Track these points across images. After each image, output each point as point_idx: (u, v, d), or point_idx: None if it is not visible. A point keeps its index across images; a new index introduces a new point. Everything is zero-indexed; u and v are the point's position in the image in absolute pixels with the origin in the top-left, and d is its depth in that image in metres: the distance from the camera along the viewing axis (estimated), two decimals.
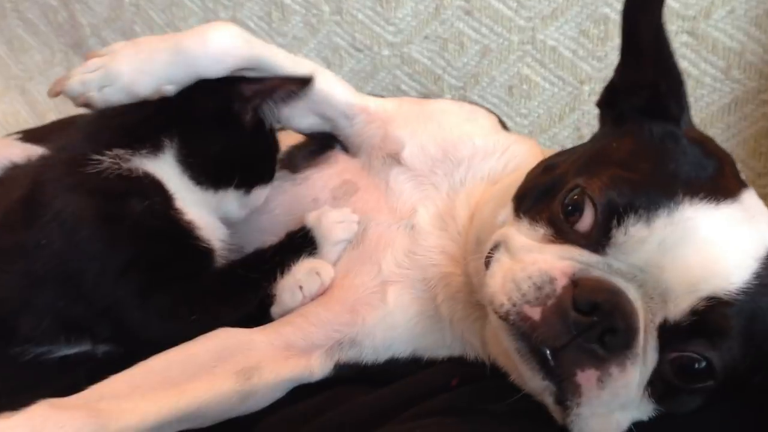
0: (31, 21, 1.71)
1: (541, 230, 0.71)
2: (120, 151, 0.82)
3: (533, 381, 0.68)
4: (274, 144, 0.93)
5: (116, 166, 0.81)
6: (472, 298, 0.83)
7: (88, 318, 0.82)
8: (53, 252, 0.79)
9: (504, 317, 0.66)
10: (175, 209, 0.83)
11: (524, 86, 1.36)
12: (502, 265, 0.70)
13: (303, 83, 0.89)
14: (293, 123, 0.95)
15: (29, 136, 1.28)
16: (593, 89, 1.30)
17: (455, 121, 0.96)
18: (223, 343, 0.81)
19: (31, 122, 1.69)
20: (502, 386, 0.80)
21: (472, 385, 0.80)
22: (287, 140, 1.00)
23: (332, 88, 0.94)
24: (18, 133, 1.32)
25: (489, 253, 0.73)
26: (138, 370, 0.76)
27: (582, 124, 1.32)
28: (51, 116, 1.67)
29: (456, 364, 0.85)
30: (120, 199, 0.80)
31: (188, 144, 0.85)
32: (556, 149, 0.98)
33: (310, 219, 0.90)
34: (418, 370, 0.85)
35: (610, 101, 0.83)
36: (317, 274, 0.87)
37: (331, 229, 0.89)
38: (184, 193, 0.85)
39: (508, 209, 0.76)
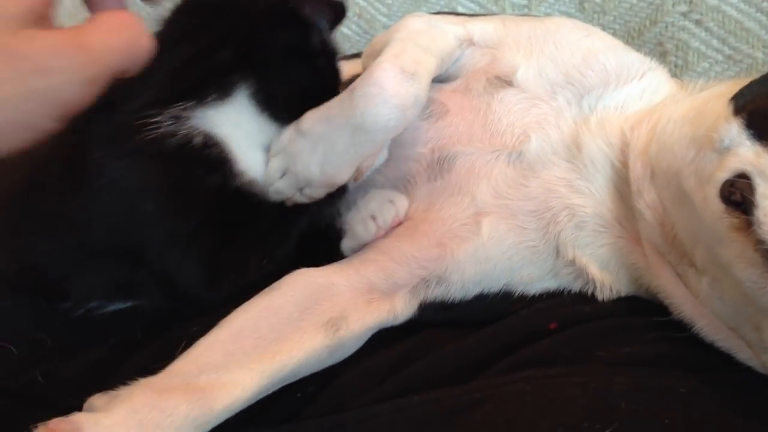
0: None
1: None
2: (179, 108, 0.71)
3: None
4: (336, 62, 0.82)
5: (175, 129, 0.71)
6: (602, 227, 0.75)
7: (148, 281, 0.76)
8: (109, 224, 0.71)
9: None
10: (239, 173, 0.74)
11: None
12: None
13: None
14: None
15: None
16: None
17: (574, 38, 0.83)
18: (304, 290, 0.74)
19: None
20: (609, 329, 0.72)
21: (574, 329, 0.71)
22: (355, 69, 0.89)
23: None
24: None
25: (732, 185, 0.61)
26: (225, 333, 0.70)
27: (665, 38, 1.18)
28: None
29: (552, 304, 0.77)
30: (183, 169, 0.71)
31: (268, 81, 0.74)
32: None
33: None
34: (509, 308, 0.77)
35: None
36: (391, 202, 0.79)
37: None
38: (250, 139, 0.75)
39: (731, 131, 0.64)
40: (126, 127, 0.71)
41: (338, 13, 0.78)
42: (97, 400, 0.63)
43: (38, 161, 0.77)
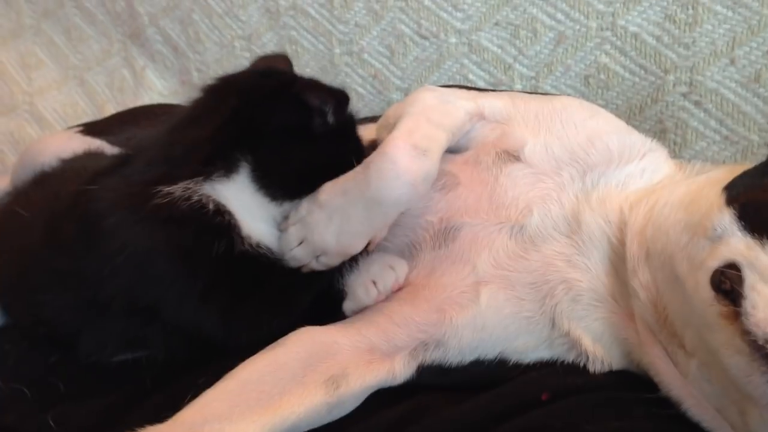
0: (89, 10, 1.70)
1: None
2: (190, 182, 0.76)
3: None
4: (355, 141, 0.86)
5: (186, 196, 0.75)
6: (596, 301, 0.79)
7: (161, 334, 0.80)
8: (121, 284, 0.75)
9: None
10: (244, 237, 0.78)
11: (602, 76, 1.28)
12: (765, 295, 0.60)
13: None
14: None
15: (90, 129, 1.26)
16: (678, 79, 1.21)
17: (579, 118, 0.88)
18: (308, 348, 0.77)
19: (90, 113, 1.68)
20: (599, 402, 0.74)
21: (565, 401, 0.74)
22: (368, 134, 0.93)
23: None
24: (79, 126, 1.30)
25: (722, 274, 0.64)
26: (232, 385, 0.73)
27: (665, 116, 1.23)
28: (109, 107, 1.66)
29: (545, 374, 0.79)
30: (192, 233, 0.75)
31: (265, 161, 0.78)
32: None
33: None
34: (504, 375, 0.80)
35: None
36: (391, 268, 0.83)
37: None
38: (252, 211, 0.79)
39: (723, 221, 0.67)
40: (139, 194, 0.76)
41: (341, 100, 0.82)
42: None
43: (53, 221, 0.81)
